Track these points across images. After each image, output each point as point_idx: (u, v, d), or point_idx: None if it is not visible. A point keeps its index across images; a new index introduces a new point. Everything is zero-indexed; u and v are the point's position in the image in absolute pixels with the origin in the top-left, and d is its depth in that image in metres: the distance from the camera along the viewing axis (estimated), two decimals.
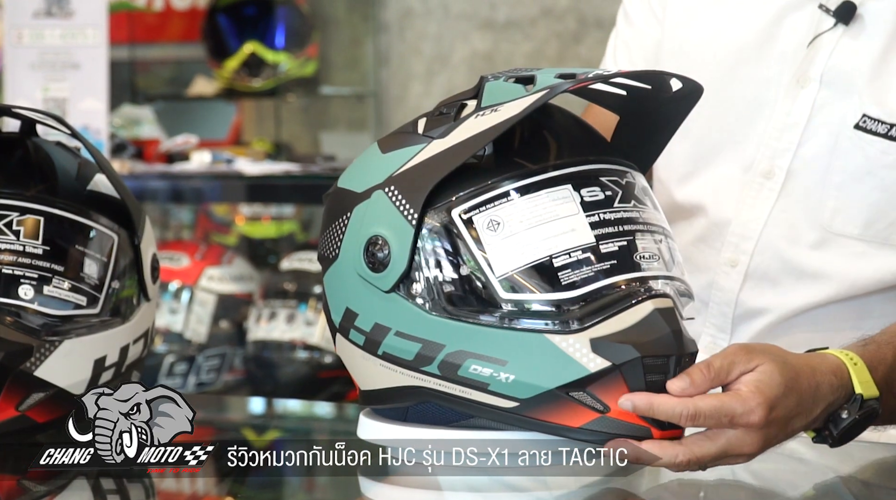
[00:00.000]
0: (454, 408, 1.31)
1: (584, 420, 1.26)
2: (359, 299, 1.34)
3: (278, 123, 4.93)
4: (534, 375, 1.27)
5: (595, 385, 1.26)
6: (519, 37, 4.52)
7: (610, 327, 1.26)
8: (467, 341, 1.28)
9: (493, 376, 1.28)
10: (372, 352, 1.33)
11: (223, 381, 3.79)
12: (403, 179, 1.32)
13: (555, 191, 1.30)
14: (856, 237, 1.67)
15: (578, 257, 1.28)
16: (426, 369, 1.30)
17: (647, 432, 1.26)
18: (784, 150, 1.71)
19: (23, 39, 3.61)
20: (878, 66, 1.68)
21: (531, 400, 1.27)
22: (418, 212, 1.30)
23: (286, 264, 3.84)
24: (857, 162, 1.67)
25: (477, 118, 1.31)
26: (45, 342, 1.47)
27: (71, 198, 1.53)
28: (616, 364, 1.25)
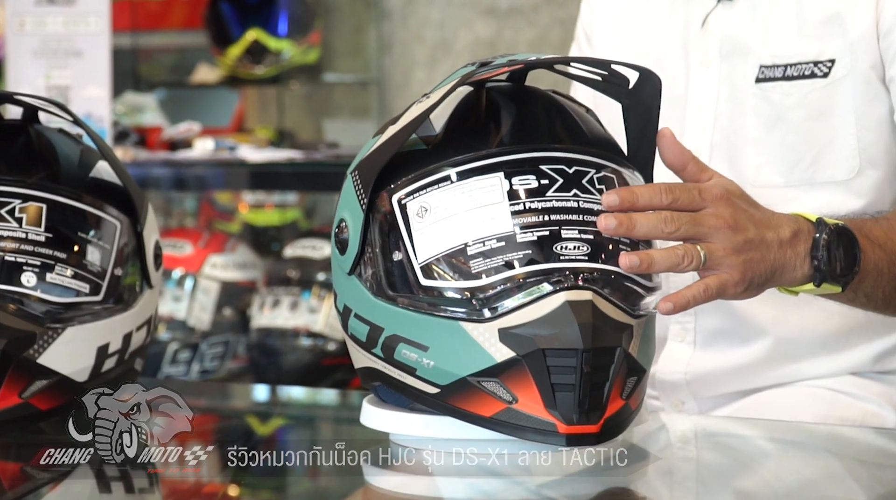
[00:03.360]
0: (395, 391, 1.34)
1: (494, 410, 1.27)
2: (337, 281, 1.38)
3: (281, 110, 4.93)
4: (450, 362, 1.28)
5: (504, 375, 1.26)
6: (522, 23, 4.51)
7: (519, 317, 1.26)
8: (399, 325, 1.30)
9: (419, 361, 1.30)
10: (345, 332, 1.38)
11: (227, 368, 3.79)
12: (363, 165, 1.35)
13: (485, 178, 1.30)
14: (782, 186, 1.74)
15: (492, 245, 1.28)
16: (373, 351, 1.33)
17: (552, 425, 1.25)
18: (703, 128, 1.78)
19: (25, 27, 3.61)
20: (764, 22, 1.76)
21: (450, 387, 1.29)
22: (367, 197, 1.32)
23: (289, 251, 3.83)
24: (765, 112, 1.74)
25: (420, 103, 1.34)
26: (48, 330, 1.47)
27: (73, 185, 1.53)
28: (520, 355, 1.25)
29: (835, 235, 1.45)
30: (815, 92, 1.72)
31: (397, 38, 4.69)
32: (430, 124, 1.34)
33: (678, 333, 1.80)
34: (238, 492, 1.37)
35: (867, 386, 1.77)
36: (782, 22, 1.75)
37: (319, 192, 4.57)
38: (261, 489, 1.38)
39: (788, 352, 1.77)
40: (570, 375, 1.25)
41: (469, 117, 1.34)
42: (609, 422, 1.26)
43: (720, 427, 1.60)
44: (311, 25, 4.55)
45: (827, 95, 1.72)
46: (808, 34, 1.73)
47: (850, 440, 1.54)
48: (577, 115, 1.38)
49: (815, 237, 1.44)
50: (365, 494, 1.33)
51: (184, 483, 1.41)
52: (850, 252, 1.46)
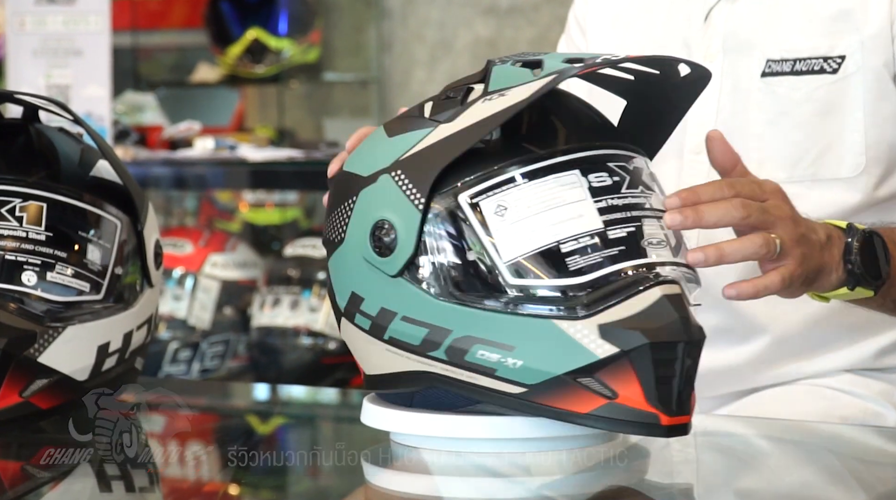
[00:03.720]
0: (461, 393, 1.30)
1: (591, 406, 1.26)
2: (365, 284, 1.33)
3: (281, 109, 4.93)
4: (542, 361, 1.26)
5: (603, 371, 1.25)
6: (522, 22, 4.51)
7: (618, 313, 1.25)
8: (474, 326, 1.28)
9: (501, 361, 1.27)
10: (378, 336, 1.33)
11: (227, 367, 3.79)
12: (410, 164, 1.31)
13: (563, 176, 1.29)
14: (784, 181, 1.73)
15: (586, 242, 1.27)
16: (433, 354, 1.30)
17: (655, 418, 1.25)
18: (704, 123, 1.76)
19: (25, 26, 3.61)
20: (771, 16, 1.75)
21: (539, 386, 1.26)
22: (425, 196, 1.29)
23: (290, 250, 3.84)
24: (770, 107, 1.74)
25: (484, 102, 1.30)
26: (49, 329, 1.47)
27: (74, 184, 1.53)
28: (624, 350, 1.24)
29: (865, 239, 1.47)
30: (823, 88, 1.72)
31: (397, 37, 4.69)
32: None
33: None
34: (238, 491, 1.37)
35: (867, 384, 1.77)
36: (791, 17, 1.74)
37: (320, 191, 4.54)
38: (261, 489, 1.38)
39: (788, 350, 1.77)
40: (672, 367, 1.25)
41: (521, 116, 1.32)
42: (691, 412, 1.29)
43: (719, 427, 1.60)
44: (312, 25, 4.56)
45: (835, 91, 1.72)
46: (818, 30, 1.73)
47: (850, 439, 1.54)
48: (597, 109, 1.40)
49: (847, 242, 1.46)
50: (365, 493, 1.33)
51: (184, 482, 1.41)
52: (880, 256, 1.48)
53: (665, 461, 1.41)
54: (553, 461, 1.32)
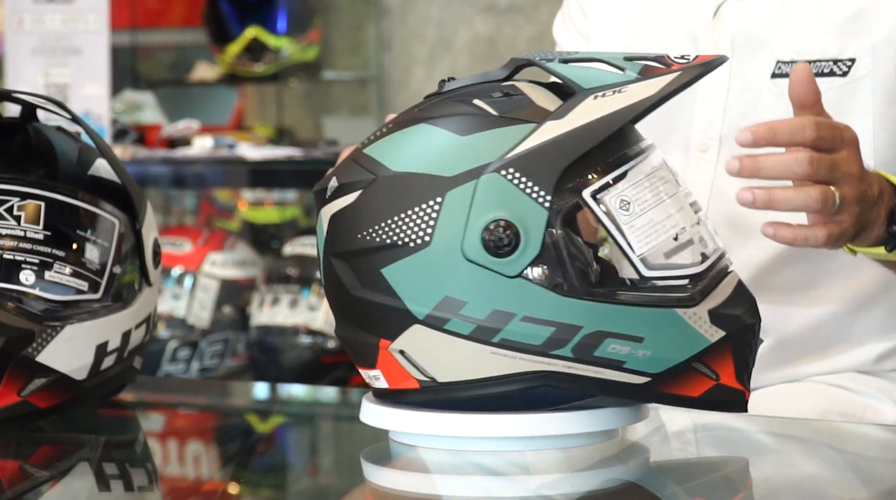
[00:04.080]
0: (576, 389, 1.30)
1: (702, 390, 1.31)
2: (468, 286, 1.28)
3: (280, 107, 4.93)
4: (667, 349, 1.29)
5: (710, 355, 1.30)
6: (521, 20, 4.51)
7: (716, 298, 1.31)
8: (606, 321, 1.28)
9: (631, 353, 1.28)
10: (483, 340, 1.28)
11: (226, 366, 3.79)
12: (525, 161, 1.28)
13: (659, 170, 1.33)
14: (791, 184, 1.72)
15: (694, 232, 1.32)
16: (556, 352, 1.28)
17: (742, 395, 1.33)
18: (712, 121, 1.77)
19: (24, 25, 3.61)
20: (782, 16, 1.74)
21: (662, 374, 1.30)
22: (550, 194, 1.27)
23: (289, 249, 3.84)
24: (780, 109, 1.71)
25: (598, 100, 1.30)
26: (47, 328, 1.47)
27: (72, 183, 1.53)
28: (730, 333, 1.30)
29: None
30: (833, 91, 1.70)
31: (396, 35, 4.69)
32: None
33: None
34: (238, 490, 1.37)
35: (867, 381, 1.77)
36: (802, 17, 1.73)
37: None
38: (260, 487, 1.38)
39: (789, 353, 1.77)
40: (752, 346, 1.34)
41: None
42: None
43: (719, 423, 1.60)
44: (311, 23, 4.55)
45: (844, 94, 1.71)
46: (829, 31, 1.72)
47: (851, 436, 1.54)
48: None
49: (893, 208, 1.47)
50: (364, 491, 1.33)
51: (183, 481, 1.41)
52: None
53: (665, 458, 1.42)
54: (552, 460, 1.32)
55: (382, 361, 1.33)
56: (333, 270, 1.34)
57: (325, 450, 1.60)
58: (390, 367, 1.32)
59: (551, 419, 1.31)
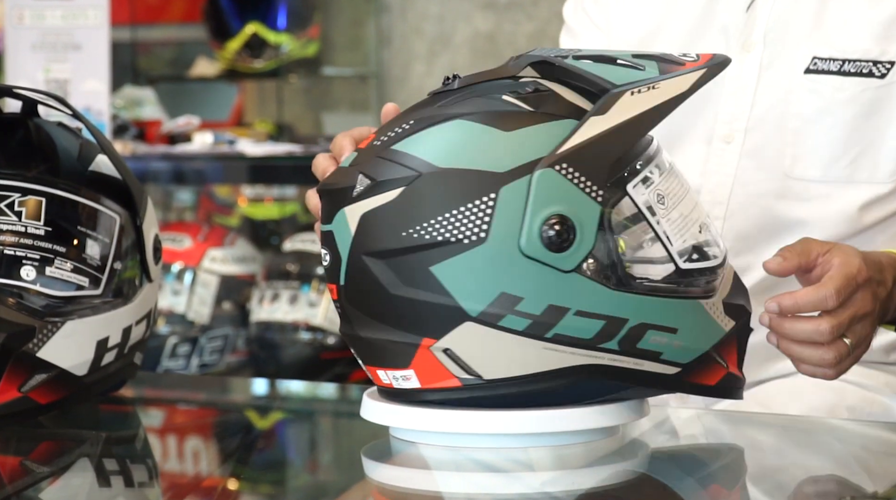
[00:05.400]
0: (618, 382, 1.31)
1: (717, 378, 1.35)
2: (525, 282, 1.28)
3: (280, 104, 4.92)
4: (696, 339, 1.33)
5: (726, 344, 1.35)
6: (521, 17, 4.51)
7: (724, 289, 1.36)
8: (649, 313, 1.30)
9: (668, 344, 1.31)
10: (537, 336, 1.29)
11: (226, 362, 3.79)
12: (577, 157, 1.28)
13: (673, 166, 1.36)
14: (817, 180, 1.73)
15: (710, 225, 1.37)
16: (604, 345, 1.29)
17: (742, 382, 1.38)
18: (738, 113, 1.76)
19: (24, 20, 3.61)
20: (819, 11, 1.74)
21: (690, 364, 1.33)
22: (603, 188, 1.28)
23: (289, 245, 3.83)
24: (813, 104, 1.73)
25: (634, 96, 1.31)
26: (48, 324, 1.47)
27: (72, 179, 1.53)
28: (738, 323, 1.36)
29: None
30: (869, 91, 1.70)
31: (396, 31, 4.69)
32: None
33: None
34: (237, 486, 1.37)
35: (873, 375, 1.77)
36: (843, 16, 1.73)
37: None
38: (260, 483, 1.38)
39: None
40: (748, 334, 1.39)
41: None
42: None
43: (724, 420, 1.60)
44: (310, 19, 4.55)
45: (880, 96, 1.70)
46: (872, 32, 1.71)
47: (857, 432, 1.54)
48: None
49: None
50: (364, 488, 1.33)
51: (183, 477, 1.41)
52: None
53: (667, 454, 1.42)
54: (553, 457, 1.32)
55: (419, 360, 1.31)
56: (365, 269, 1.31)
57: (325, 446, 1.60)
58: (428, 366, 1.31)
59: (552, 416, 1.31)
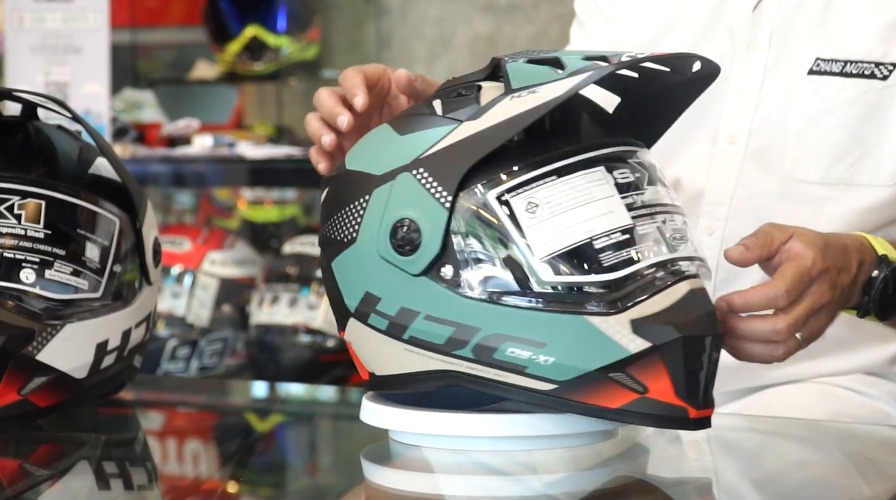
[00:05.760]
0: (486, 391, 1.30)
1: (623, 402, 1.26)
2: (382, 283, 1.31)
3: (280, 106, 4.92)
4: (574, 357, 1.26)
5: (634, 366, 1.26)
6: (521, 19, 4.51)
7: (649, 308, 1.26)
8: (505, 324, 1.27)
9: (532, 358, 1.27)
10: (396, 336, 1.31)
11: (226, 365, 3.79)
12: (434, 162, 1.30)
13: (590, 173, 1.29)
14: (818, 182, 1.73)
15: (618, 238, 1.28)
16: (458, 352, 1.29)
17: (684, 411, 1.26)
18: (743, 114, 1.76)
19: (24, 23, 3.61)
20: (824, 13, 1.74)
21: (570, 382, 1.27)
22: (452, 194, 1.28)
23: (288, 247, 3.83)
24: (815, 105, 1.72)
25: (513, 100, 1.30)
26: (47, 326, 1.47)
27: (72, 181, 1.53)
28: (657, 345, 1.25)
29: (892, 276, 1.47)
30: (871, 93, 1.70)
31: (396, 34, 4.69)
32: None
33: None
34: (237, 489, 1.37)
35: (878, 384, 1.76)
36: (846, 17, 1.72)
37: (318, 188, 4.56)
38: (260, 486, 1.38)
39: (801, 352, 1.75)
40: (701, 361, 1.27)
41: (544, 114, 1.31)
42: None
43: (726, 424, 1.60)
44: (310, 21, 4.55)
45: (882, 97, 1.70)
46: (873, 34, 1.71)
47: (859, 438, 1.54)
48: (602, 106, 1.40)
49: (871, 275, 1.47)
50: (364, 491, 1.33)
51: (183, 480, 1.41)
52: None
53: (669, 457, 1.41)
54: (555, 459, 1.32)
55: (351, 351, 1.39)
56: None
57: (325, 449, 1.60)
58: (354, 357, 1.38)
59: (551, 418, 1.31)
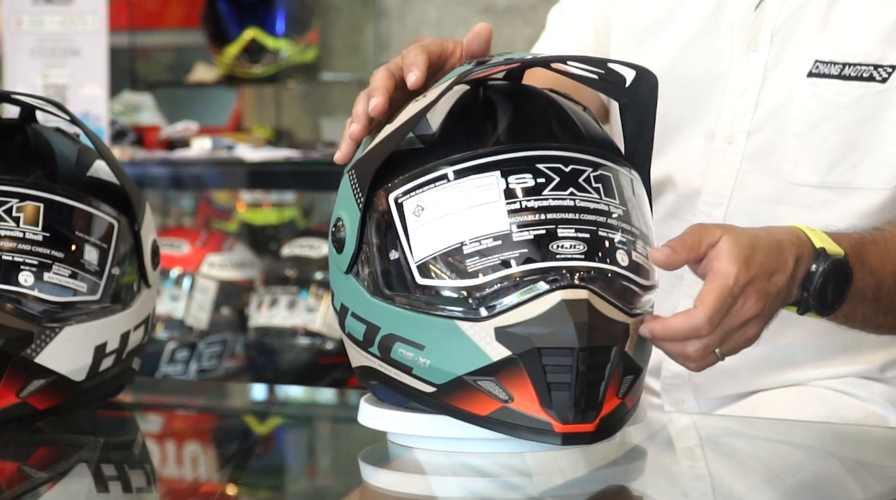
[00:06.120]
0: (393, 389, 1.33)
1: (490, 409, 1.26)
2: (334, 281, 1.38)
3: (279, 109, 4.92)
4: (447, 361, 1.28)
5: (500, 374, 1.25)
6: (519, 22, 4.51)
7: (516, 316, 1.25)
8: (395, 324, 1.30)
9: (414, 360, 1.29)
10: (343, 330, 1.37)
11: (224, 368, 3.78)
12: (360, 164, 1.34)
13: (481, 177, 1.29)
14: (817, 186, 1.71)
15: (489, 244, 1.27)
16: (371, 350, 1.33)
17: (548, 424, 1.24)
18: (742, 114, 1.74)
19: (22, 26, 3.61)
20: (826, 15, 1.72)
21: (445, 386, 1.28)
22: (364, 195, 1.31)
23: (287, 250, 3.83)
24: (814, 108, 1.71)
25: (416, 102, 1.33)
26: (46, 329, 1.47)
27: (71, 184, 1.53)
28: (515, 354, 1.24)
29: (831, 269, 1.44)
30: (870, 96, 1.69)
31: (395, 36, 4.69)
32: (426, 123, 1.34)
33: None
34: (236, 491, 1.37)
35: (870, 387, 1.75)
36: (846, 20, 1.71)
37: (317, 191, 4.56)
38: (258, 489, 1.38)
39: (794, 358, 1.75)
40: (565, 374, 1.24)
41: (465, 116, 1.34)
42: (605, 421, 1.26)
43: (720, 426, 1.60)
44: (309, 24, 4.55)
45: (880, 101, 1.69)
46: (873, 36, 1.69)
47: (852, 440, 1.54)
48: (574, 113, 1.38)
49: (810, 270, 1.43)
50: (362, 493, 1.33)
51: (181, 483, 1.41)
52: (840, 286, 1.46)
53: (663, 461, 1.41)
54: (550, 463, 1.32)
55: None
56: None
57: (323, 451, 1.60)
58: None
59: None
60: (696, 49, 1.77)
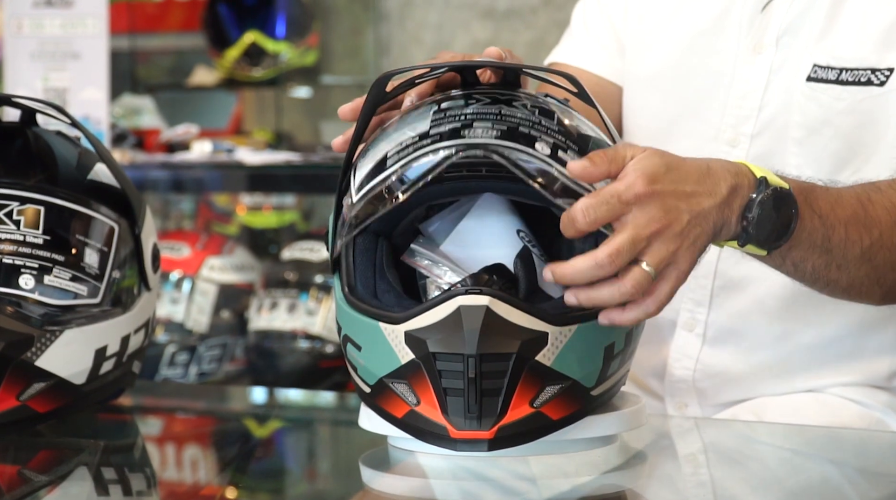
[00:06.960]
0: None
1: (403, 412, 1.28)
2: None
3: (279, 112, 4.92)
4: (373, 362, 1.29)
5: (410, 378, 1.26)
6: (520, 25, 4.51)
7: (421, 321, 1.25)
8: (346, 324, 1.32)
9: (357, 359, 1.32)
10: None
11: (224, 371, 3.78)
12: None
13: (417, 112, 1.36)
14: None
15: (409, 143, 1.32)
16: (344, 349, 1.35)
17: (443, 430, 1.24)
18: (746, 117, 1.73)
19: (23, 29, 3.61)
20: (829, 19, 1.70)
21: (374, 387, 1.30)
22: (339, 200, 1.36)
23: (287, 253, 3.83)
24: (813, 113, 1.69)
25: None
26: (46, 332, 1.47)
27: (71, 187, 1.53)
28: (416, 359, 1.25)
29: (774, 198, 1.36)
30: (868, 100, 1.66)
31: (395, 40, 4.69)
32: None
33: (688, 321, 1.76)
34: (236, 495, 1.37)
35: (874, 394, 1.74)
36: (845, 24, 1.69)
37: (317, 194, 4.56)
38: (258, 492, 1.38)
39: (800, 365, 1.74)
40: (458, 380, 1.23)
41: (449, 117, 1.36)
42: (507, 430, 1.24)
43: (721, 430, 1.60)
44: (309, 27, 4.55)
45: (879, 104, 1.66)
46: (869, 40, 1.67)
47: (854, 445, 1.54)
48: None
49: (750, 197, 1.35)
50: (363, 497, 1.33)
51: (181, 486, 1.41)
52: (784, 219, 1.38)
53: (663, 464, 1.41)
54: (552, 466, 1.32)
55: None
56: None
57: (324, 455, 1.60)
58: None
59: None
60: (702, 48, 1.77)
